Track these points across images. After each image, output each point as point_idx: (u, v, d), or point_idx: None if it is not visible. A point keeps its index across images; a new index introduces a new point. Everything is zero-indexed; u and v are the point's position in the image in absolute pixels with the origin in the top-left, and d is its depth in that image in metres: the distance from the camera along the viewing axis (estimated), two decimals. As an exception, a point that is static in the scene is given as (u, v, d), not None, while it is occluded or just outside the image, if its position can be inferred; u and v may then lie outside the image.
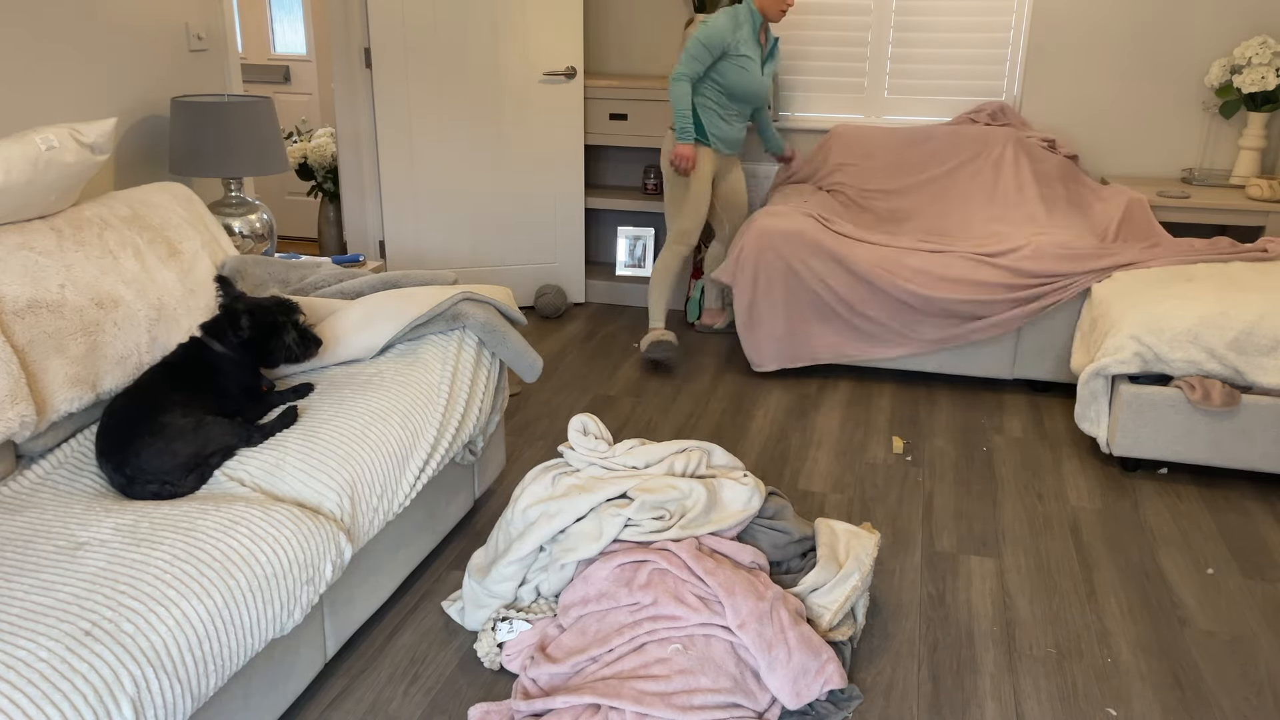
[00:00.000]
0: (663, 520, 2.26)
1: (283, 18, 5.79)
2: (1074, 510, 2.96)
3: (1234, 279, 3.25)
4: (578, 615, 2.16)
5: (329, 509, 2.00)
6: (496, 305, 2.69)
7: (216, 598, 1.67)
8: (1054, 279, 3.55)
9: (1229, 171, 4.30)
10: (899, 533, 2.82)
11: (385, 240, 4.44)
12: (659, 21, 4.79)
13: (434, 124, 4.33)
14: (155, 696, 1.52)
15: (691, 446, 2.45)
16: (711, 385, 3.86)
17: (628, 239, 4.96)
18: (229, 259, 2.73)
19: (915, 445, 3.38)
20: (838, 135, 4.42)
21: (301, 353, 2.32)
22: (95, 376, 2.19)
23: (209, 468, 2.02)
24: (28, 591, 1.58)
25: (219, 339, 2.24)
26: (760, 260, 3.75)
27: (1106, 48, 4.34)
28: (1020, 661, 2.28)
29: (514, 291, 4.69)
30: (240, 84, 3.68)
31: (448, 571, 2.61)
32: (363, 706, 2.12)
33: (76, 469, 2.11)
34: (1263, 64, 3.99)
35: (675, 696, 1.96)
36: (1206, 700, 2.16)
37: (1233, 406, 2.96)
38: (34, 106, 2.79)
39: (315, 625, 2.07)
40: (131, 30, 3.13)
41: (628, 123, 4.59)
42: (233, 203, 3.28)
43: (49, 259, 2.18)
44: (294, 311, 2.34)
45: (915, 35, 4.53)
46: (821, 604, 2.23)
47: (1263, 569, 2.67)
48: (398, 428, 2.25)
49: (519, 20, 4.31)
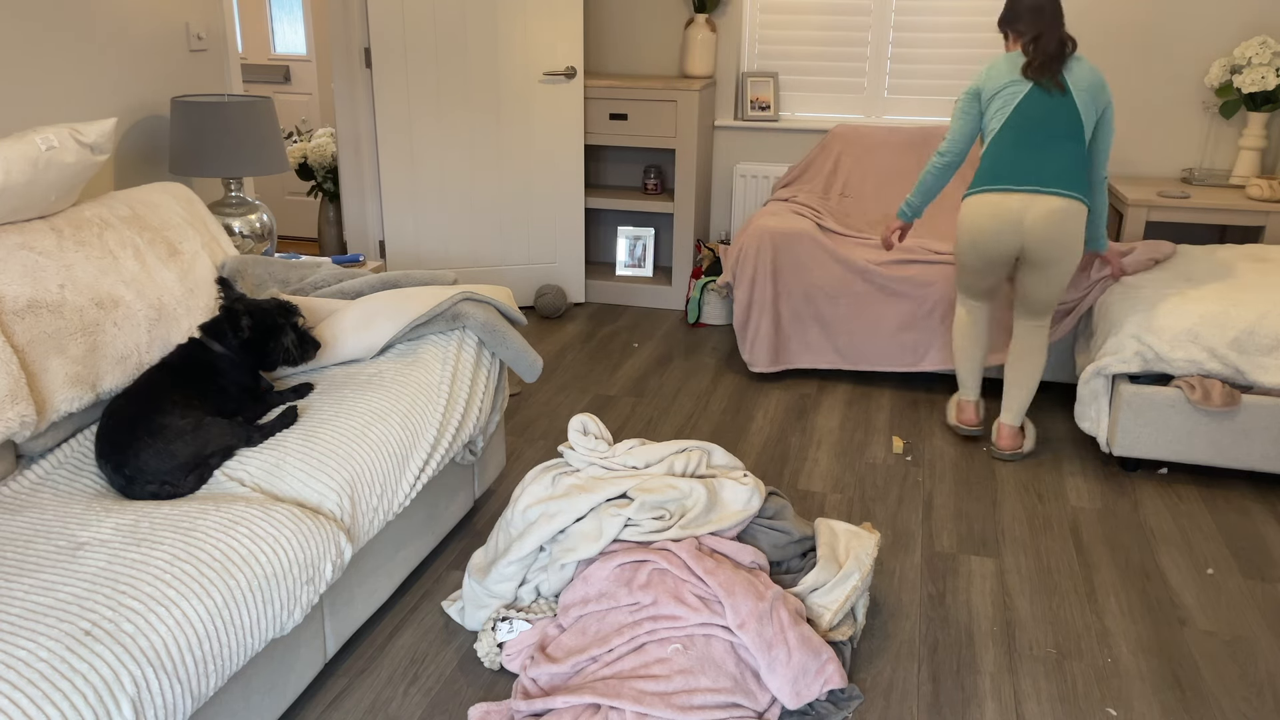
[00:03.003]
0: (663, 520, 2.26)
1: (283, 18, 5.79)
2: (1074, 510, 2.96)
3: (1235, 278, 3.24)
4: (578, 615, 2.16)
5: (329, 509, 2.00)
6: (496, 305, 2.69)
7: (216, 598, 1.67)
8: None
9: (1229, 171, 4.30)
10: (899, 533, 2.82)
11: (385, 240, 4.44)
12: (659, 21, 4.79)
13: (434, 124, 4.33)
14: (155, 696, 1.52)
15: (691, 446, 2.45)
16: (711, 385, 3.86)
17: (628, 239, 4.96)
18: (229, 259, 2.73)
19: (915, 445, 3.38)
20: (838, 135, 4.42)
21: (300, 355, 2.32)
22: (95, 376, 2.19)
23: (209, 468, 2.02)
24: (28, 591, 1.58)
25: (219, 339, 2.24)
26: (759, 260, 3.75)
27: (1106, 48, 4.34)
28: (1020, 661, 2.28)
29: (514, 291, 4.69)
30: (240, 84, 3.68)
31: (448, 571, 2.61)
32: (363, 706, 2.12)
33: (76, 469, 2.11)
34: (1263, 64, 3.99)
35: (675, 696, 1.96)
36: (1206, 700, 2.16)
37: (1233, 406, 2.96)
38: (34, 106, 2.79)
39: (315, 625, 2.07)
40: (131, 30, 3.13)
41: (628, 123, 4.59)
42: (233, 203, 3.27)
43: (49, 259, 2.18)
44: (293, 314, 2.34)
45: (915, 35, 4.53)
46: (821, 604, 2.23)
47: (1263, 569, 2.67)
48: (398, 428, 2.25)
49: (519, 20, 4.31)
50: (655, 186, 4.86)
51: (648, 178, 4.84)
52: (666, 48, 4.82)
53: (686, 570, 2.16)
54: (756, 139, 4.79)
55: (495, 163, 4.48)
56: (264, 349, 2.27)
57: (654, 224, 5.08)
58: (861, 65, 4.63)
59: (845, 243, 3.82)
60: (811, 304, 3.79)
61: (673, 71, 4.85)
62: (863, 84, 4.65)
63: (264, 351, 2.28)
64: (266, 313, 2.28)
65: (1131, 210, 3.99)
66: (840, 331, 3.80)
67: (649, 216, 5.09)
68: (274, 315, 2.29)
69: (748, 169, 4.73)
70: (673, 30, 4.79)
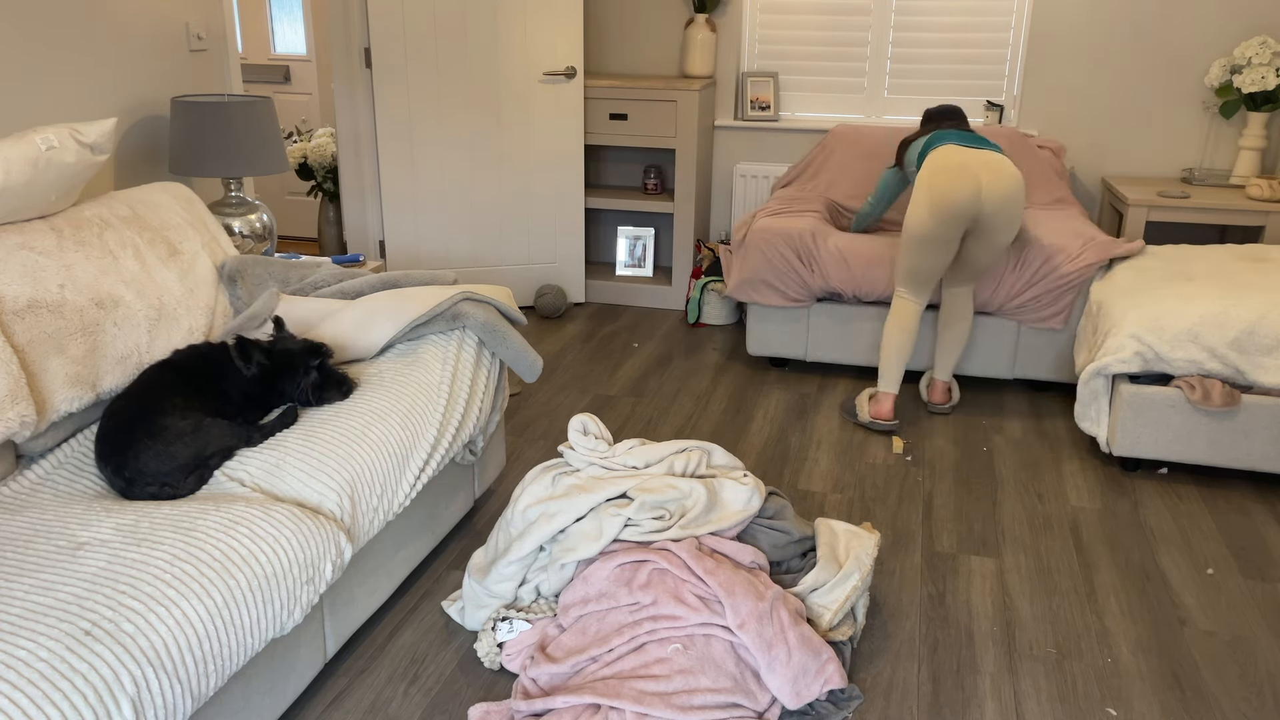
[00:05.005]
0: (663, 520, 2.26)
1: (283, 18, 5.80)
2: (1074, 510, 2.96)
3: (1235, 278, 3.24)
4: (578, 615, 2.16)
5: (329, 509, 2.00)
6: (496, 305, 2.69)
7: (216, 598, 1.67)
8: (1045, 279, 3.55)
9: (1229, 171, 4.30)
10: (899, 533, 2.82)
11: (385, 240, 4.44)
12: (659, 21, 4.79)
13: (434, 124, 4.33)
14: (155, 696, 1.52)
15: (691, 446, 2.45)
16: (711, 385, 3.86)
17: (628, 239, 4.96)
18: (229, 259, 2.73)
19: (915, 445, 3.38)
20: (838, 135, 4.42)
21: (316, 400, 2.27)
22: (95, 376, 2.19)
23: (209, 469, 2.02)
24: (28, 591, 1.58)
25: (244, 359, 2.22)
26: (759, 260, 3.75)
27: (1106, 48, 4.34)
28: (1020, 661, 2.28)
29: (514, 291, 4.69)
30: (240, 84, 3.68)
31: (448, 571, 2.61)
32: (363, 706, 2.12)
33: (76, 469, 2.11)
34: (1263, 64, 3.99)
35: (675, 696, 1.96)
36: (1206, 700, 2.16)
37: (1233, 406, 2.96)
38: (34, 106, 2.79)
39: (315, 625, 2.07)
40: (131, 30, 3.13)
41: (628, 123, 4.59)
42: (233, 203, 3.28)
43: (49, 259, 2.18)
44: (321, 356, 2.27)
45: (915, 35, 4.53)
46: (821, 604, 2.23)
47: (1263, 569, 2.67)
48: (398, 428, 2.25)
49: (519, 20, 4.32)
50: (655, 186, 4.86)
51: (648, 178, 4.84)
52: (666, 48, 4.82)
53: (686, 570, 2.16)
54: (756, 139, 4.79)
55: (495, 163, 4.48)
56: (276, 385, 2.26)
57: (654, 224, 5.08)
58: (861, 65, 4.63)
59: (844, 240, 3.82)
60: (809, 300, 3.79)
61: (673, 71, 4.85)
62: (863, 84, 4.66)
63: (278, 389, 2.26)
64: (289, 354, 2.25)
65: (1132, 210, 3.99)
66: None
67: (649, 216, 5.09)
68: (296, 357, 2.25)
69: (748, 169, 4.74)
70: (673, 30, 4.79)
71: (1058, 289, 3.52)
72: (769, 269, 3.74)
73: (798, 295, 3.76)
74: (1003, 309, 3.61)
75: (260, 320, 2.57)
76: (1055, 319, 3.55)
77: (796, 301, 3.77)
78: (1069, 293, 3.52)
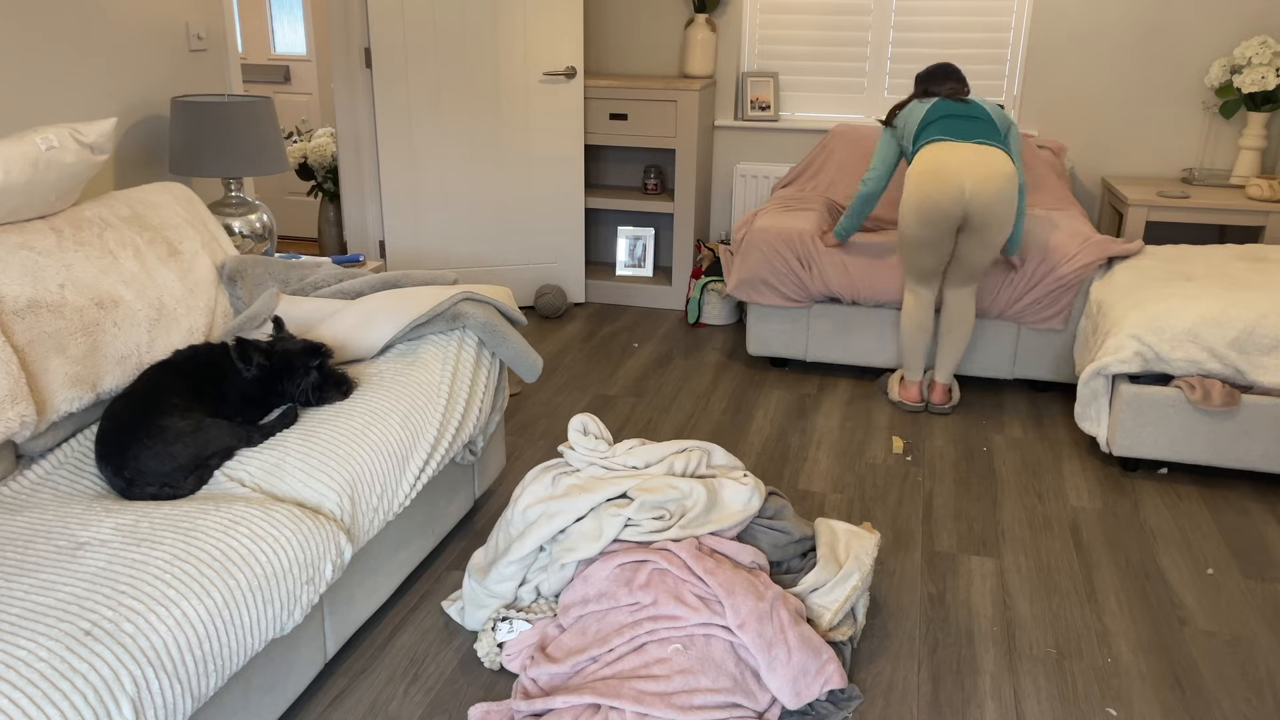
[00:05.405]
0: (663, 520, 2.26)
1: (283, 18, 5.80)
2: (1074, 510, 2.96)
3: (1235, 278, 3.24)
4: (578, 615, 2.16)
5: (329, 509, 2.00)
6: (496, 305, 2.69)
7: (216, 598, 1.67)
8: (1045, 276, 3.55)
9: (1229, 171, 4.30)
10: (899, 533, 2.82)
11: (385, 240, 4.44)
12: (659, 21, 4.79)
13: (434, 124, 4.33)
14: (155, 696, 1.52)
15: (691, 446, 2.45)
16: (711, 385, 3.86)
17: (628, 239, 4.96)
18: (229, 259, 2.73)
19: (915, 445, 3.38)
20: (838, 135, 4.42)
21: (317, 400, 2.27)
22: (95, 376, 2.19)
23: (209, 469, 2.02)
24: (28, 591, 1.58)
25: (244, 360, 2.22)
26: (759, 260, 3.75)
27: (1106, 48, 4.34)
28: (1020, 661, 2.28)
29: (514, 291, 4.69)
30: (240, 84, 3.68)
31: (448, 571, 2.61)
32: (363, 706, 2.12)
33: (77, 469, 2.11)
34: (1263, 64, 3.99)
35: (675, 696, 1.96)
36: (1206, 700, 2.16)
37: (1232, 406, 2.96)
38: (34, 106, 2.79)
39: (315, 625, 2.07)
40: (131, 30, 3.13)
41: (628, 123, 4.59)
42: (233, 203, 3.28)
43: (49, 259, 2.18)
44: (321, 356, 2.28)
45: (915, 35, 4.53)
46: (821, 604, 2.23)
47: (1263, 569, 2.67)
48: (398, 428, 2.25)
49: (519, 20, 4.32)
50: (655, 186, 4.86)
51: (648, 178, 4.84)
52: (666, 48, 4.82)
53: (686, 570, 2.16)
54: (756, 139, 4.79)
55: (495, 162, 4.48)
56: (276, 386, 2.26)
57: (654, 224, 5.08)
58: (861, 65, 4.63)
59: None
60: (809, 300, 3.79)
61: (673, 71, 4.85)
62: (863, 84, 4.66)
63: (278, 389, 2.26)
64: (289, 354, 2.25)
65: (1132, 210, 3.99)
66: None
67: (649, 216, 5.09)
68: (296, 357, 2.25)
69: (748, 169, 4.73)
70: (673, 30, 4.79)
71: (1056, 290, 3.52)
72: (769, 269, 3.75)
73: (797, 296, 3.77)
74: (1004, 314, 3.62)
75: (260, 320, 2.57)
76: (1055, 319, 3.56)
77: (796, 302, 3.78)
78: (1067, 293, 3.52)
